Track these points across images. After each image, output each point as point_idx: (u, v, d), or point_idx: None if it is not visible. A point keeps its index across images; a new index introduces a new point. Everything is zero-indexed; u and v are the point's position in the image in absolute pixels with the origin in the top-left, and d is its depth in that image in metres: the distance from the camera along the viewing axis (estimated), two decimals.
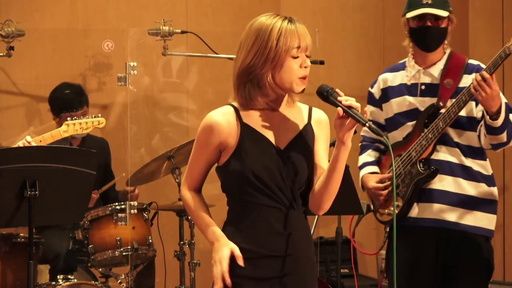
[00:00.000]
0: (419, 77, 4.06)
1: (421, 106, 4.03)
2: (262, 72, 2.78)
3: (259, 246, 2.80)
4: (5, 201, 3.84)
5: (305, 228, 2.89)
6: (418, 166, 3.97)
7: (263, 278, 2.80)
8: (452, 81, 3.98)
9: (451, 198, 3.95)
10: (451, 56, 4.06)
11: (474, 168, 3.98)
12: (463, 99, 3.86)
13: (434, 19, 3.98)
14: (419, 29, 4.00)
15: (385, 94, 4.15)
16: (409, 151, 4.00)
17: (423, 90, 4.04)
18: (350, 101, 2.72)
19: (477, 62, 4.06)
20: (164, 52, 5.16)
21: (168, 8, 5.97)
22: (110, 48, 5.79)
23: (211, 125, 2.83)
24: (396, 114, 4.09)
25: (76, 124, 4.52)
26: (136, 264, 5.00)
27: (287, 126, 2.85)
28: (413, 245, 3.99)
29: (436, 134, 3.92)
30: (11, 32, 5.06)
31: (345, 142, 2.74)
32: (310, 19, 6.13)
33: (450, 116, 3.89)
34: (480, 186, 3.98)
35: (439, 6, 3.97)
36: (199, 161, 2.88)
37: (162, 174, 5.23)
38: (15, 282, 4.64)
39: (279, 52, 2.75)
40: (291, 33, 2.76)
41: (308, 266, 2.88)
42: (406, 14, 4.05)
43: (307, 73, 2.79)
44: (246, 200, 2.81)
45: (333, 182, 2.80)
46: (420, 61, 4.08)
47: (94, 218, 4.86)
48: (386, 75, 4.19)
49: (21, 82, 5.80)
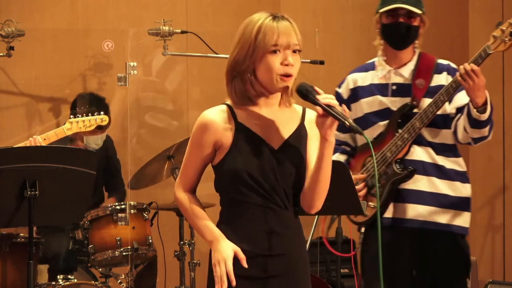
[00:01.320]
0: (389, 77, 4.06)
1: (393, 106, 4.03)
2: (243, 68, 2.79)
3: (252, 245, 2.79)
4: (5, 201, 3.84)
5: (297, 228, 2.88)
6: (394, 167, 3.97)
7: (256, 277, 2.80)
8: (423, 81, 4.00)
9: (426, 198, 3.97)
10: (420, 56, 4.07)
11: (447, 166, 4.00)
12: (441, 98, 3.88)
13: (407, 16, 3.98)
14: (392, 25, 4.00)
15: (354, 94, 4.14)
16: (383, 152, 4.00)
17: (394, 90, 4.04)
18: (329, 100, 2.70)
19: (447, 62, 4.09)
20: (164, 52, 5.16)
21: (168, 8, 5.97)
22: (110, 48, 5.79)
23: (205, 123, 2.83)
24: (367, 114, 4.08)
25: (80, 122, 4.53)
26: (136, 264, 5.00)
27: (281, 126, 2.84)
28: (389, 246, 3.98)
29: (412, 134, 3.93)
30: (11, 32, 5.06)
31: (327, 139, 2.73)
32: (310, 19, 6.13)
33: (427, 116, 3.90)
34: (454, 185, 4.01)
35: (413, 4, 3.98)
36: (194, 160, 2.88)
37: (162, 174, 5.22)
38: (15, 282, 4.64)
39: (256, 48, 2.76)
40: (270, 29, 2.76)
41: (302, 266, 2.87)
42: (379, 10, 4.04)
43: (289, 71, 2.76)
44: (240, 200, 2.81)
45: (321, 180, 2.78)
46: (391, 60, 4.08)
47: (94, 218, 4.86)
48: (355, 75, 4.18)
49: (21, 82, 5.80)
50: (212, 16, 6.07)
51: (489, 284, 4.57)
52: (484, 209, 6.07)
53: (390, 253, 3.95)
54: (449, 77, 4.01)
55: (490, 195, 6.03)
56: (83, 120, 4.58)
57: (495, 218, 6.02)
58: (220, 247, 2.78)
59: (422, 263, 3.98)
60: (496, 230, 6.05)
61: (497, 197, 5.97)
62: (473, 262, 5.18)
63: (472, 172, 6.14)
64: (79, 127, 4.57)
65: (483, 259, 6.02)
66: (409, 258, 3.98)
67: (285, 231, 2.81)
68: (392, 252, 3.96)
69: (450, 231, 3.98)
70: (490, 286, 4.55)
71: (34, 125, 5.75)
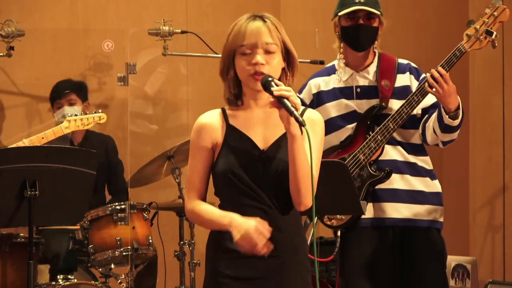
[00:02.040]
0: (352, 80, 4.06)
1: (359, 109, 4.03)
2: (225, 69, 2.84)
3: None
4: (5, 201, 3.84)
5: (294, 230, 2.86)
6: (369, 169, 3.97)
7: (248, 278, 2.80)
8: (388, 82, 4.00)
9: (402, 195, 3.98)
10: (381, 57, 4.07)
11: (418, 163, 4.02)
12: (415, 99, 3.89)
13: (367, 18, 3.98)
14: (352, 27, 4.00)
15: (318, 99, 4.11)
16: (356, 154, 3.99)
17: (358, 93, 4.04)
18: (281, 91, 2.70)
19: (407, 61, 4.10)
20: (164, 52, 5.16)
21: (168, 8, 5.97)
22: (110, 48, 5.79)
23: (200, 127, 2.87)
24: (333, 118, 4.06)
25: (77, 120, 4.54)
26: (136, 264, 5.00)
27: (272, 127, 2.85)
28: (369, 246, 3.99)
29: (386, 136, 3.93)
30: (11, 32, 5.06)
31: (289, 131, 2.73)
32: (310, 19, 6.13)
33: (401, 117, 3.91)
34: (425, 181, 4.03)
35: (372, 5, 3.98)
36: (197, 166, 2.87)
37: (162, 174, 5.23)
38: (15, 282, 4.64)
39: (229, 49, 2.82)
40: (238, 30, 2.81)
41: (297, 268, 2.85)
42: (338, 13, 4.04)
43: (260, 69, 2.77)
44: (230, 200, 2.82)
45: (298, 175, 2.75)
46: (352, 63, 4.07)
47: (94, 218, 4.86)
48: (317, 79, 4.16)
49: (21, 82, 5.80)
50: (212, 16, 6.07)
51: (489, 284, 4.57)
52: (484, 209, 6.07)
53: (372, 253, 3.98)
54: (411, 76, 4.03)
55: (490, 195, 6.03)
56: (81, 118, 4.59)
57: (495, 218, 6.02)
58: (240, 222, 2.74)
59: (402, 261, 4.00)
60: (496, 230, 6.05)
61: (497, 197, 5.97)
62: (473, 262, 5.19)
63: (472, 172, 6.15)
64: (77, 125, 4.57)
65: (483, 259, 6.02)
66: (389, 256, 4.00)
67: (277, 232, 2.80)
68: (373, 252, 3.99)
69: (428, 226, 4.01)
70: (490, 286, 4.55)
71: (34, 125, 5.75)
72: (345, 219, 4.04)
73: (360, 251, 4.00)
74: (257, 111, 2.87)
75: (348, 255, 4.07)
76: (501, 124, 5.94)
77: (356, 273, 4.03)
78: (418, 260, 3.98)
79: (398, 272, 4.00)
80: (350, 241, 4.06)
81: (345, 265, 4.10)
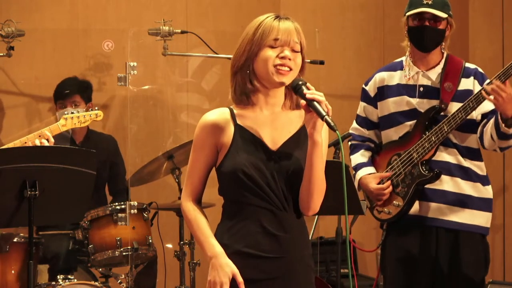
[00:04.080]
0: (417, 78, 4.09)
1: (420, 107, 4.05)
2: (241, 63, 2.82)
3: (249, 246, 2.79)
4: (5, 201, 3.84)
5: (300, 231, 2.86)
6: (420, 168, 4.00)
7: (253, 279, 2.79)
8: (451, 84, 4.03)
9: (450, 197, 4.01)
10: (448, 59, 4.09)
11: (471, 168, 4.04)
12: (470, 105, 3.91)
13: (433, 20, 4.01)
14: (417, 28, 4.03)
15: (381, 93, 4.16)
16: (410, 152, 4.03)
17: (421, 92, 4.06)
18: (314, 95, 2.71)
19: (474, 66, 4.11)
20: (164, 52, 5.16)
21: (168, 8, 5.97)
22: (110, 48, 5.79)
23: (206, 125, 2.85)
24: (394, 113, 4.11)
25: (74, 118, 4.53)
26: (136, 264, 5.00)
27: (281, 127, 2.85)
28: (412, 243, 4.02)
29: (440, 138, 3.96)
30: (11, 32, 5.06)
31: (311, 137, 2.74)
32: (310, 19, 6.13)
33: (455, 121, 3.93)
34: (476, 186, 4.04)
35: (439, 7, 4.01)
36: (198, 164, 2.86)
37: (162, 174, 5.23)
38: (15, 282, 4.64)
39: (254, 42, 2.80)
40: (270, 26, 2.80)
41: (302, 269, 2.85)
42: (407, 13, 4.07)
43: (286, 63, 2.78)
44: (238, 201, 2.81)
45: (313, 181, 2.78)
46: (418, 62, 4.10)
47: (94, 218, 4.86)
48: (382, 73, 4.20)
49: (21, 82, 5.80)
50: (212, 16, 6.07)
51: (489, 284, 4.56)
52: None
53: (413, 251, 4.00)
54: (475, 81, 4.04)
55: None
56: (77, 116, 4.58)
57: (495, 218, 6.01)
58: (218, 266, 2.77)
59: (444, 262, 4.01)
60: (496, 230, 6.05)
61: (497, 197, 5.97)
62: None
63: None
64: (74, 123, 4.57)
65: None
66: (430, 256, 4.01)
67: (284, 233, 2.80)
68: (415, 249, 4.02)
69: (471, 231, 4.02)
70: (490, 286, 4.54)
71: (34, 125, 5.75)
72: (393, 213, 4.07)
73: (401, 247, 4.04)
74: (266, 112, 2.86)
75: (389, 251, 4.12)
76: None
77: (396, 269, 4.07)
78: (458, 263, 3.99)
79: (437, 273, 4.01)
80: (393, 236, 4.11)
81: (385, 260, 4.15)
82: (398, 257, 4.06)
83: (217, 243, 2.81)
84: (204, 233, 2.83)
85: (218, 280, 2.76)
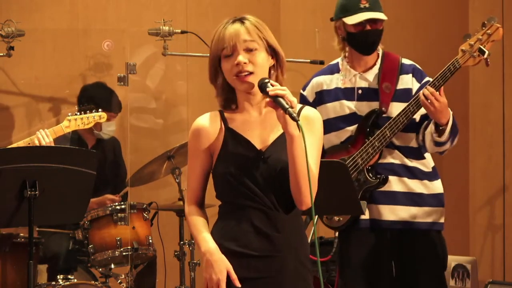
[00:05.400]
0: (355, 81, 4.05)
1: (359, 111, 4.02)
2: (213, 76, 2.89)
3: (241, 246, 2.80)
4: (5, 201, 3.84)
5: (294, 230, 2.86)
6: (366, 175, 3.98)
7: (248, 278, 2.80)
8: (390, 84, 4.00)
9: (400, 198, 3.99)
10: (384, 57, 4.06)
11: (416, 166, 4.03)
12: (411, 109, 3.90)
13: (373, 22, 3.98)
14: (359, 33, 3.99)
15: (319, 98, 4.11)
16: (354, 158, 3.99)
17: (360, 95, 4.03)
18: (276, 90, 2.71)
19: (410, 62, 4.08)
20: (164, 52, 5.16)
21: (168, 8, 5.97)
22: (110, 48, 5.79)
23: (197, 129, 2.88)
24: (333, 118, 4.07)
25: (78, 120, 4.54)
26: (136, 264, 5.00)
27: (269, 127, 2.86)
28: (368, 248, 4.01)
29: (383, 143, 3.94)
30: (11, 32, 5.06)
31: (287, 132, 2.73)
32: (310, 19, 6.13)
33: (397, 126, 3.91)
34: (423, 183, 4.03)
35: (377, 8, 3.98)
36: (195, 169, 2.89)
37: (162, 174, 5.23)
38: (15, 282, 4.64)
39: (213, 56, 2.87)
40: (218, 36, 2.85)
41: (296, 269, 2.85)
42: (343, 19, 4.02)
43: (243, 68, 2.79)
44: (230, 202, 2.83)
45: (298, 174, 2.75)
46: (356, 64, 4.06)
47: (94, 218, 4.86)
48: (320, 78, 4.15)
49: (21, 82, 5.80)
50: (212, 16, 6.07)
51: (489, 284, 4.57)
52: (484, 209, 6.07)
53: (370, 254, 3.99)
54: (414, 79, 4.02)
55: (490, 195, 6.03)
56: (81, 117, 4.60)
57: (495, 218, 6.02)
58: (214, 263, 2.79)
59: (401, 262, 4.01)
60: (496, 230, 6.05)
61: (497, 197, 5.97)
62: (473, 262, 5.18)
63: (472, 172, 6.14)
64: (77, 124, 4.58)
65: (483, 259, 6.02)
66: (388, 258, 4.01)
67: (276, 232, 2.81)
68: (372, 253, 4.00)
69: (427, 228, 4.02)
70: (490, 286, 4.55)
71: (34, 125, 5.75)
72: (343, 221, 4.05)
73: (358, 253, 4.02)
74: (254, 113, 2.87)
75: (347, 256, 4.09)
76: (501, 124, 5.94)
77: (355, 274, 4.04)
78: (416, 261, 3.99)
79: (396, 274, 4.01)
80: (349, 242, 4.08)
81: (344, 266, 4.12)
82: (355, 263, 4.03)
83: (211, 239, 2.83)
84: (198, 229, 2.86)
85: (215, 277, 2.78)
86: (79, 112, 4.69)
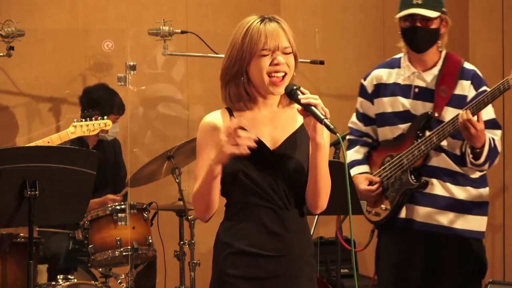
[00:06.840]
0: (413, 79, 4.05)
1: (413, 109, 4.03)
2: (234, 72, 2.81)
3: (251, 245, 2.79)
4: (5, 201, 3.84)
5: (302, 230, 2.87)
6: (409, 176, 3.99)
7: (254, 277, 2.80)
8: (447, 88, 3.98)
9: (440, 202, 3.99)
10: (446, 59, 4.04)
11: (461, 173, 4.01)
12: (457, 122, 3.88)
13: (424, 20, 3.96)
14: (409, 29, 3.99)
15: (377, 90, 4.14)
16: (401, 157, 4.01)
17: (416, 93, 4.03)
18: (309, 99, 2.70)
19: (472, 67, 4.05)
20: (164, 52, 5.15)
21: (168, 8, 5.98)
22: (110, 48, 5.79)
23: (208, 126, 2.85)
24: (388, 113, 4.09)
25: (83, 126, 4.57)
26: (136, 264, 5.00)
27: (280, 127, 2.85)
28: (402, 247, 4.01)
29: (428, 148, 3.95)
30: (11, 32, 5.06)
31: (314, 140, 2.74)
32: (310, 19, 6.13)
33: (444, 134, 3.92)
34: (467, 190, 4.02)
35: (429, 6, 3.96)
36: (205, 166, 2.82)
37: (162, 174, 5.23)
38: (15, 282, 4.64)
39: (244, 52, 2.79)
40: (257, 32, 2.78)
41: (304, 268, 2.85)
42: (397, 14, 4.03)
43: (280, 68, 2.77)
44: (239, 200, 2.81)
45: (319, 181, 2.78)
46: (415, 62, 4.06)
47: (94, 218, 4.86)
48: (380, 70, 4.17)
49: (21, 82, 5.80)
50: (212, 16, 6.07)
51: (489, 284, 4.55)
52: None
53: (403, 254, 3.99)
54: (471, 86, 3.99)
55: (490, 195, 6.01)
56: (87, 124, 4.63)
57: (495, 218, 6.02)
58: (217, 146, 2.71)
59: (434, 266, 4.00)
60: (496, 230, 6.05)
61: (497, 197, 5.97)
62: None
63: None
64: (83, 131, 4.61)
65: None
66: (421, 261, 4.00)
67: (286, 232, 2.81)
68: (405, 253, 4.02)
69: (464, 235, 4.00)
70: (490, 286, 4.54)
71: (34, 125, 5.75)
72: (381, 216, 4.08)
73: (392, 252, 4.06)
74: (264, 111, 2.86)
75: (382, 253, 4.14)
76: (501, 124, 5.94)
77: (387, 273, 4.07)
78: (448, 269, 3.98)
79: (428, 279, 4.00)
80: (385, 240, 4.13)
81: (379, 263, 4.18)
82: (389, 260, 4.05)
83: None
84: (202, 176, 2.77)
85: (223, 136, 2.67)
86: (84, 118, 4.70)
